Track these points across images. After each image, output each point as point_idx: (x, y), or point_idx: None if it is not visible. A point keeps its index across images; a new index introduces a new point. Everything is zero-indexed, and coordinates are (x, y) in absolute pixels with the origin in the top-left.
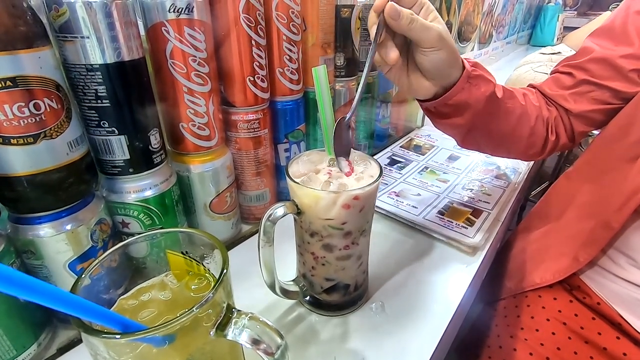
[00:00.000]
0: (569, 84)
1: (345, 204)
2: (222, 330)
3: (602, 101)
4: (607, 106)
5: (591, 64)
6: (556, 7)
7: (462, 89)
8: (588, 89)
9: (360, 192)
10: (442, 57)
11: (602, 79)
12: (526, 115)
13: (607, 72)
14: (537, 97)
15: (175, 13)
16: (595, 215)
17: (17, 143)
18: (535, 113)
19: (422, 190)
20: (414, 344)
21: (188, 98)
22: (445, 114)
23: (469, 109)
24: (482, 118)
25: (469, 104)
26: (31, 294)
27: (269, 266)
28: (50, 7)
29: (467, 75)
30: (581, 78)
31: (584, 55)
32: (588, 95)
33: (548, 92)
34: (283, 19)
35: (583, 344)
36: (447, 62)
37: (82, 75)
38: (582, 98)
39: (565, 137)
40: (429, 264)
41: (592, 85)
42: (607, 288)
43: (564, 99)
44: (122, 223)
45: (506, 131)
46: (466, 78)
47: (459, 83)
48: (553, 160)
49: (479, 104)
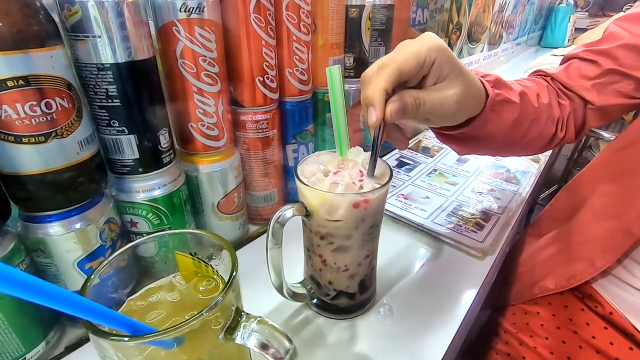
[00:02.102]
0: (593, 73)
1: (354, 206)
2: (230, 334)
3: (625, 94)
4: (628, 100)
5: (620, 50)
6: (567, 8)
7: (485, 121)
8: (613, 79)
9: (370, 196)
10: (465, 116)
11: (631, 69)
12: (538, 119)
13: (638, 61)
14: (548, 92)
15: (186, 13)
16: (613, 218)
17: (28, 142)
18: (545, 115)
19: (430, 193)
20: (423, 349)
21: (197, 98)
22: (461, 141)
23: (492, 138)
24: (501, 142)
25: (493, 134)
26: (41, 298)
27: (277, 268)
28: (62, 7)
29: (490, 105)
30: (608, 67)
31: (612, 41)
32: (612, 86)
33: (567, 81)
34: (293, 19)
35: (594, 354)
36: (470, 109)
37: (93, 74)
38: (605, 89)
39: (573, 132)
40: (437, 267)
41: (618, 75)
42: (621, 297)
43: (585, 90)
44: (131, 222)
45: (516, 138)
46: (490, 107)
47: (482, 114)
48: (562, 163)
49: (503, 132)
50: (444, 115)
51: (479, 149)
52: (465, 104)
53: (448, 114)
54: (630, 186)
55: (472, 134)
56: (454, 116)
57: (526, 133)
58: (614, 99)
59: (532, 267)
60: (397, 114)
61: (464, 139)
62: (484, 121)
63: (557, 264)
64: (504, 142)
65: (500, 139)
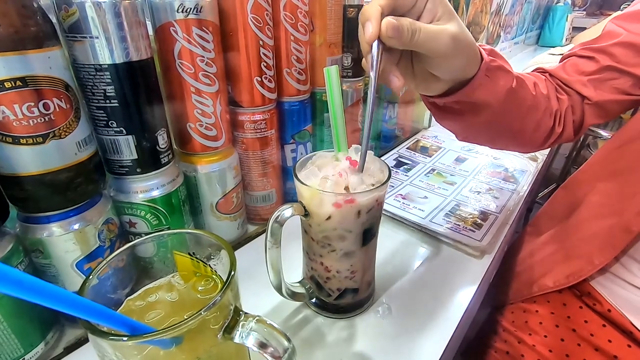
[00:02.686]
0: (590, 69)
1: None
2: (229, 333)
3: (623, 91)
4: (626, 97)
5: (617, 48)
6: (565, 7)
7: (480, 85)
8: (611, 75)
9: (357, 197)
10: (458, 63)
11: (628, 66)
12: (535, 107)
13: (635, 58)
14: (547, 85)
15: (184, 13)
16: (611, 216)
17: (26, 143)
18: (543, 105)
19: (429, 192)
20: (421, 348)
21: (196, 98)
22: (456, 110)
23: (486, 107)
24: (497, 114)
25: (487, 102)
26: (39, 297)
27: (276, 268)
28: (60, 7)
29: (484, 69)
30: (605, 64)
31: (609, 38)
32: (609, 83)
33: (564, 76)
34: (291, 19)
35: (593, 351)
36: (464, 65)
37: (90, 75)
38: (603, 85)
39: (571, 128)
40: (436, 267)
41: (616, 71)
42: (619, 295)
43: (582, 85)
44: (129, 223)
45: (513, 125)
46: (484, 72)
47: (476, 78)
48: (561, 162)
49: (497, 101)
50: (439, 52)
51: (475, 127)
52: (460, 44)
53: (442, 52)
54: (628, 183)
55: (466, 101)
56: (448, 60)
57: (523, 119)
58: (611, 95)
59: (530, 266)
60: (392, 30)
61: (459, 111)
62: (479, 85)
63: (555, 262)
64: (502, 122)
65: (496, 111)
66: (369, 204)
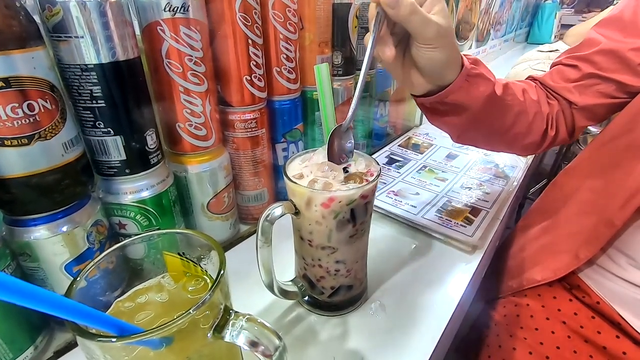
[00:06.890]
0: (574, 76)
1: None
2: (219, 332)
3: (608, 95)
4: (611, 100)
5: (598, 56)
6: (553, 5)
7: (460, 88)
8: (594, 82)
9: (356, 193)
10: (438, 56)
11: (609, 72)
12: (524, 112)
13: (615, 64)
14: (537, 91)
15: (171, 12)
16: (596, 212)
17: (11, 144)
18: (534, 109)
19: (420, 189)
20: (414, 343)
21: (184, 98)
22: (441, 111)
23: (466, 109)
24: (479, 117)
25: (466, 104)
26: (24, 299)
27: (267, 267)
28: (43, 7)
29: (465, 74)
30: (587, 71)
31: (590, 47)
32: (593, 88)
33: (551, 84)
34: (280, 18)
35: (583, 342)
36: (444, 62)
37: (76, 75)
38: (587, 91)
39: (565, 131)
40: (428, 263)
41: (598, 78)
42: (607, 287)
43: (568, 91)
44: (119, 224)
45: (503, 129)
46: (464, 77)
47: (455, 82)
48: (551, 157)
49: (477, 104)
50: (425, 37)
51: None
52: (444, 40)
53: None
54: (613, 179)
55: (448, 102)
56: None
57: (513, 124)
58: (596, 99)
59: (521, 260)
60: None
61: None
62: (458, 88)
63: (543, 256)
64: (485, 125)
65: (477, 114)
66: (358, 202)
